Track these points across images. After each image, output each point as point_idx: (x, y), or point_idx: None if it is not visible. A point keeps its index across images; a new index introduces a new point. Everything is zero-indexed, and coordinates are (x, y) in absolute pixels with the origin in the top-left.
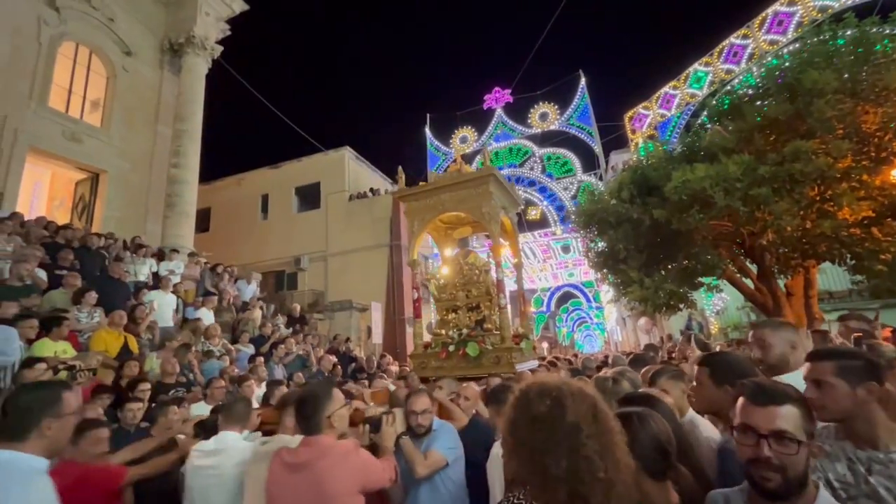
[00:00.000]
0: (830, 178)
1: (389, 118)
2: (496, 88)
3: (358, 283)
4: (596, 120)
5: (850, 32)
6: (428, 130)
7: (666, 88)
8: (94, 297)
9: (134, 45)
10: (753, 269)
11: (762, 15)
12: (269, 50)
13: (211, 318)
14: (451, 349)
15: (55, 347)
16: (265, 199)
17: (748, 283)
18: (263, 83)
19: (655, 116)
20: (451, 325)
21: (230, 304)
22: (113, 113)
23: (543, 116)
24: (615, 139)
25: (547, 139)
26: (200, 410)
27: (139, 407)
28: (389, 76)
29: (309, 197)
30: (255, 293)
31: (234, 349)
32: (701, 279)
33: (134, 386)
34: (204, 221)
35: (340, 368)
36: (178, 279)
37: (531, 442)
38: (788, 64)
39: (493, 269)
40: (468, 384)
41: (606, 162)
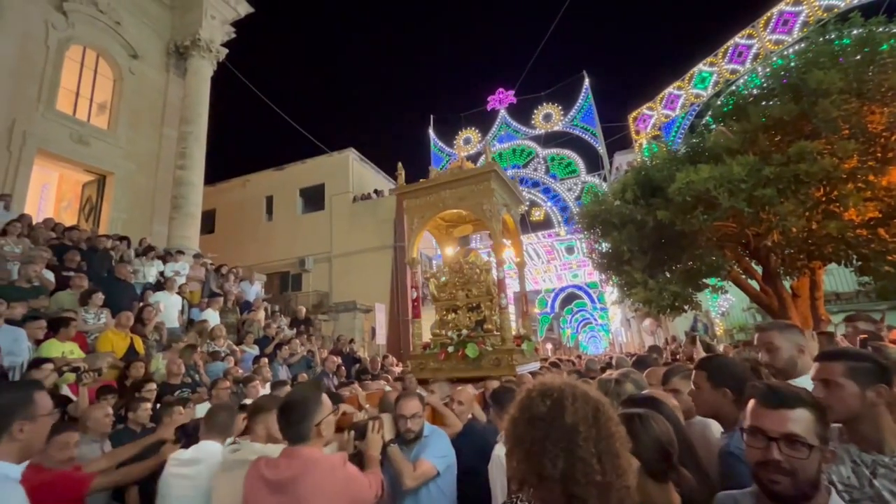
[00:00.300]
0: (836, 178)
1: (393, 120)
2: (500, 89)
3: (362, 284)
4: (600, 121)
5: (856, 32)
6: (431, 131)
7: (670, 89)
8: (100, 298)
9: (140, 48)
10: (759, 270)
11: (767, 15)
12: (273, 52)
13: (216, 319)
14: (450, 350)
15: (63, 348)
16: (270, 200)
17: (753, 284)
18: (268, 85)
19: (660, 117)
20: (450, 325)
21: (235, 305)
22: (119, 115)
23: (547, 117)
24: (619, 140)
25: (551, 140)
26: (203, 411)
27: (148, 407)
28: (393, 78)
29: (313, 198)
30: (258, 294)
31: (238, 350)
32: (705, 280)
33: (140, 386)
34: (209, 223)
35: (344, 369)
36: (183, 280)
37: (529, 441)
38: (794, 64)
39: (493, 268)
40: (463, 387)
41: (610, 163)
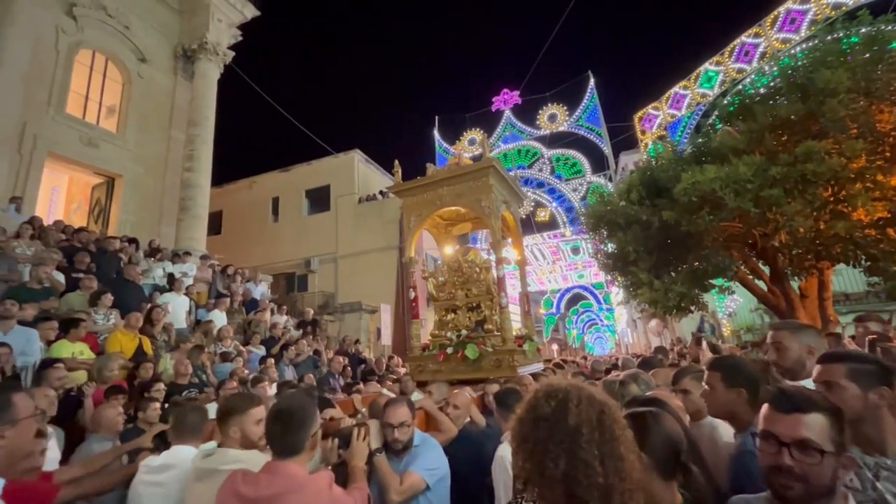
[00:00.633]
0: (844, 178)
1: (398, 121)
2: (505, 90)
3: (367, 285)
4: (605, 121)
5: (864, 30)
6: (436, 132)
7: (676, 88)
8: (110, 299)
9: (148, 51)
10: (766, 270)
11: (774, 13)
12: (279, 55)
13: (223, 319)
14: (449, 351)
15: (73, 349)
16: (276, 201)
17: (761, 284)
18: (274, 87)
19: (665, 117)
20: (449, 325)
21: (241, 305)
22: (128, 118)
23: (552, 118)
24: (625, 140)
25: (556, 140)
26: (213, 411)
27: (157, 406)
28: (398, 79)
29: (319, 199)
30: (263, 294)
31: (245, 351)
32: (712, 281)
33: (149, 387)
34: (216, 224)
35: (350, 370)
36: (190, 281)
37: (533, 441)
38: (801, 63)
39: (493, 266)
40: (459, 390)
41: (616, 163)
